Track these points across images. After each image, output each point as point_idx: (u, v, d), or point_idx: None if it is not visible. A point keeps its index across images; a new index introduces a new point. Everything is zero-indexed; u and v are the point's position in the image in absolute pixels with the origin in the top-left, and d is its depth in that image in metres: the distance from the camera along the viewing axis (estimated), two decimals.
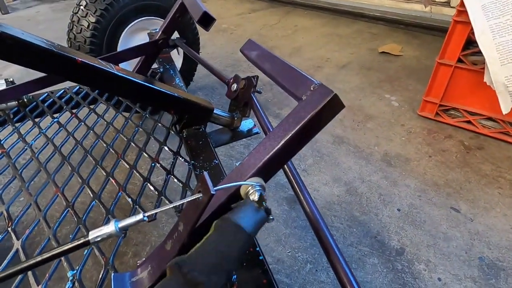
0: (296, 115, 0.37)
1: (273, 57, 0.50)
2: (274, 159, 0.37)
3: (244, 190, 0.35)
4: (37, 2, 3.77)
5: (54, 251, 0.32)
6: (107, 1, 1.10)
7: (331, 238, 0.46)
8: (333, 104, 0.35)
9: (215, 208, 0.37)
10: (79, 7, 1.13)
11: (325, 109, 0.35)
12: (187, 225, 0.36)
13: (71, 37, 1.14)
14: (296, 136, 0.36)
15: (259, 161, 0.37)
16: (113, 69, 0.59)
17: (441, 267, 0.82)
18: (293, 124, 0.36)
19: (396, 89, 1.58)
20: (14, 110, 0.86)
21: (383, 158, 1.18)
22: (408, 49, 1.96)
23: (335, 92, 0.35)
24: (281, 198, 1.03)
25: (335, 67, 1.83)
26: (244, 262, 0.46)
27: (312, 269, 0.83)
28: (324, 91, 0.36)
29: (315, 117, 0.35)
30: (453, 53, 1.16)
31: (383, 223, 0.94)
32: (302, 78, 0.41)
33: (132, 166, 0.64)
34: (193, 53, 1.01)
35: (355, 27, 2.37)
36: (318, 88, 0.37)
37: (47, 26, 2.87)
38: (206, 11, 0.74)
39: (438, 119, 1.32)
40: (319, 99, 0.35)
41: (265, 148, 0.38)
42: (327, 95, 0.35)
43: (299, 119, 0.36)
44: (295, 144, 0.37)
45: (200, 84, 1.72)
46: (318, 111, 0.35)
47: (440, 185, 1.05)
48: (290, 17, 2.70)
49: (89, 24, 1.10)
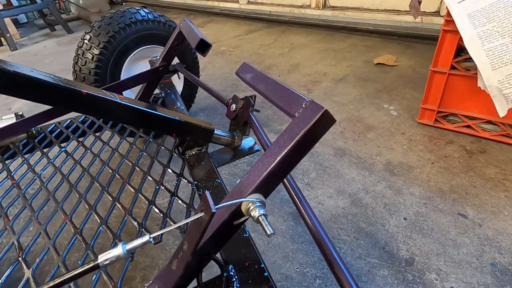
0: (291, 131, 0.38)
1: (267, 78, 0.52)
2: (272, 174, 0.39)
3: (245, 206, 0.36)
4: (44, 38, 3.95)
5: (65, 276, 0.33)
6: (109, 33, 1.16)
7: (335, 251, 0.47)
8: (325, 119, 0.37)
9: (219, 225, 0.39)
10: (83, 41, 1.19)
11: (317, 124, 0.37)
12: (191, 244, 0.38)
13: (77, 69, 1.20)
14: (292, 152, 0.38)
15: (258, 177, 0.38)
16: (116, 98, 0.63)
17: (453, 276, 0.80)
18: (288, 141, 0.38)
19: (394, 98, 1.60)
20: (24, 142, 0.89)
21: (385, 167, 1.18)
22: (403, 59, 2.00)
23: (325, 108, 0.37)
24: (286, 214, 1.04)
25: (332, 80, 1.87)
26: (250, 279, 0.46)
27: (322, 284, 0.82)
28: (315, 108, 0.38)
29: (308, 132, 0.37)
30: (445, 60, 1.19)
31: (390, 233, 0.93)
32: (294, 96, 0.43)
33: (137, 190, 0.66)
34: (193, 77, 1.06)
35: (349, 41, 2.43)
36: (310, 105, 0.39)
37: (53, 60, 3.00)
38: (202, 38, 0.78)
39: (438, 126, 1.33)
40: (311, 115, 0.37)
41: (263, 165, 0.39)
42: (318, 111, 0.37)
43: (294, 135, 0.38)
44: (292, 159, 0.39)
45: (202, 105, 1.76)
46: (311, 127, 0.37)
47: (445, 191, 1.04)
48: (286, 35, 2.78)
49: (93, 56, 1.15)
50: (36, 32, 4.31)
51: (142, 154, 0.79)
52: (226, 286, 0.45)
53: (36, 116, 0.82)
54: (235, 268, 0.48)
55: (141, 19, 1.22)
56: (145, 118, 0.66)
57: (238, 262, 0.49)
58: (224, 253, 0.51)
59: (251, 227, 0.97)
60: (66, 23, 3.96)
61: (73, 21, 4.50)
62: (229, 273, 0.47)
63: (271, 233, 0.34)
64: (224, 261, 0.49)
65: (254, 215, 0.35)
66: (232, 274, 0.47)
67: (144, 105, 0.67)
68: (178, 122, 0.70)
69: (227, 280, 0.46)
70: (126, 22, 1.19)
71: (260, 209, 0.36)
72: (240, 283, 0.46)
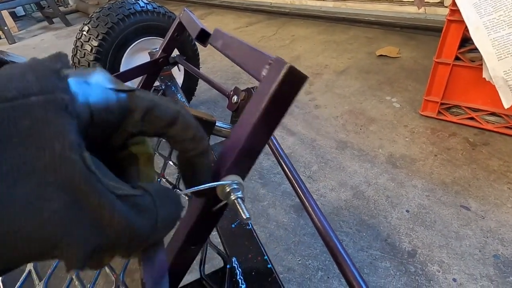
0: (257, 98, 0.33)
1: (235, 41, 0.47)
2: (244, 151, 0.34)
3: (221, 191, 0.33)
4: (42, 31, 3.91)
5: None
6: (108, 25, 1.14)
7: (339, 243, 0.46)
8: (292, 77, 0.31)
9: (198, 213, 0.36)
10: (81, 32, 1.17)
11: (284, 84, 0.31)
12: (177, 236, 0.38)
13: (75, 62, 1.19)
14: (262, 121, 0.33)
15: (230, 157, 0.34)
16: None
17: (455, 267, 0.80)
18: (255, 109, 0.33)
19: (397, 90, 1.59)
20: None
21: (388, 160, 1.17)
22: (405, 51, 1.97)
23: (290, 64, 0.31)
24: (288, 206, 1.03)
25: (334, 73, 1.85)
26: (254, 271, 0.46)
27: (324, 276, 0.82)
28: (278, 66, 0.32)
29: (275, 96, 0.31)
30: (449, 51, 1.17)
31: (392, 225, 0.93)
32: (260, 56, 0.38)
33: None
34: (194, 69, 1.04)
35: (351, 33, 2.40)
36: (273, 64, 0.33)
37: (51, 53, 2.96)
38: (203, 28, 0.76)
39: (441, 118, 1.32)
40: (274, 76, 0.32)
41: (233, 142, 0.34)
42: (281, 68, 0.31)
43: (260, 102, 0.32)
44: (264, 129, 0.34)
45: (202, 99, 1.75)
46: (277, 89, 0.31)
47: (448, 183, 1.04)
48: (286, 27, 2.75)
49: (92, 48, 1.14)
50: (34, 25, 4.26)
51: None
52: (230, 277, 0.45)
53: None
54: (238, 260, 0.47)
55: (140, 10, 1.20)
56: None
57: (241, 254, 0.48)
58: (226, 245, 0.50)
59: (252, 220, 0.97)
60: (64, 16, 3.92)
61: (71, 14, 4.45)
62: (232, 265, 0.47)
63: (247, 217, 0.30)
64: (227, 253, 0.49)
65: (229, 199, 0.31)
66: (235, 266, 0.46)
67: None
68: None
69: (230, 272, 0.46)
70: (125, 13, 1.17)
71: (236, 192, 0.31)
72: (243, 274, 0.45)
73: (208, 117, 0.78)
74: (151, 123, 0.22)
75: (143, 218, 0.18)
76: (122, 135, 0.21)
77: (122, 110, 0.20)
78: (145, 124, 0.21)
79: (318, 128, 1.40)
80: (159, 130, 0.22)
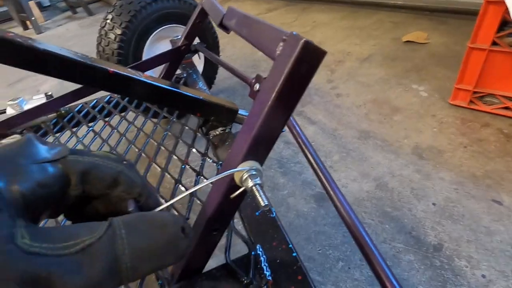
0: (272, 78, 0.31)
1: (249, 19, 0.45)
2: (261, 136, 0.32)
3: (238, 177, 0.32)
4: (66, 20, 4.02)
5: None
6: (131, 13, 1.15)
7: (365, 232, 0.45)
8: (309, 53, 0.29)
9: (217, 201, 0.36)
10: (105, 21, 1.19)
11: (301, 61, 0.29)
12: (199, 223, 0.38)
13: (100, 50, 1.21)
14: (277, 104, 0.31)
15: (246, 142, 0.32)
16: (141, 77, 0.62)
17: (484, 263, 0.77)
18: (269, 91, 0.31)
19: (424, 78, 1.51)
20: (54, 121, 0.92)
21: (413, 151, 1.13)
22: (435, 36, 1.86)
23: (306, 39, 0.29)
24: (308, 196, 1.02)
25: (356, 60, 1.79)
26: (278, 259, 0.46)
27: (345, 267, 0.81)
28: (294, 42, 0.29)
29: (291, 74, 0.29)
30: (486, 36, 1.09)
31: (417, 218, 0.90)
32: (274, 33, 0.35)
33: (163, 169, 0.67)
34: (215, 57, 1.03)
35: (375, 18, 2.29)
36: (288, 40, 0.31)
37: (76, 42, 3.05)
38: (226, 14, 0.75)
39: (473, 107, 1.24)
40: (290, 52, 0.29)
41: (249, 126, 0.33)
42: (297, 44, 0.29)
43: (275, 83, 0.30)
44: (280, 112, 0.32)
45: (221, 87, 1.74)
46: (292, 67, 0.29)
47: (479, 176, 0.99)
48: (307, 13, 2.67)
49: (115, 37, 1.15)
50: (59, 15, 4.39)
51: (166, 134, 0.79)
52: (254, 264, 0.45)
53: (63, 97, 0.84)
54: (263, 247, 0.47)
55: None
56: (171, 97, 0.65)
57: (266, 242, 0.48)
58: (251, 233, 0.50)
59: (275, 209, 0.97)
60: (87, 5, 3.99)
61: (94, 3, 4.53)
62: (256, 252, 0.47)
63: (265, 205, 0.29)
64: (251, 241, 0.49)
65: (247, 186, 0.30)
66: (260, 253, 0.47)
67: (168, 83, 0.66)
68: (202, 102, 0.69)
69: (255, 259, 0.46)
70: (147, 1, 1.18)
71: (253, 179, 0.30)
72: (268, 262, 0.45)
73: (230, 105, 0.77)
74: (91, 184, 0.22)
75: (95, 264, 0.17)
76: (69, 199, 0.21)
77: (60, 179, 0.20)
78: (86, 186, 0.21)
79: (339, 118, 1.36)
80: (101, 191, 0.22)
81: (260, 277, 0.44)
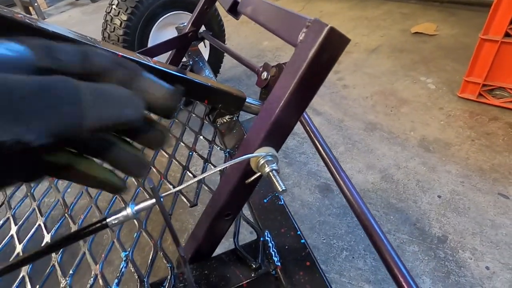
0: (293, 65, 0.31)
1: (266, 5, 0.45)
2: (279, 122, 0.32)
3: (254, 163, 0.32)
4: (69, 7, 3.98)
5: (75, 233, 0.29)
6: None
7: (374, 220, 0.45)
8: (333, 40, 0.29)
9: (232, 185, 0.36)
10: (111, 6, 1.17)
11: (324, 48, 0.29)
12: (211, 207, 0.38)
13: (106, 36, 1.20)
14: (298, 90, 0.31)
15: (264, 128, 0.33)
16: (150, 62, 0.61)
17: (489, 256, 0.77)
18: (290, 77, 0.30)
19: (432, 70, 1.49)
20: None
21: (420, 143, 1.12)
22: (444, 28, 1.83)
23: (331, 25, 0.28)
24: (313, 186, 1.03)
25: (364, 51, 1.76)
26: (287, 245, 0.46)
27: (349, 256, 0.82)
28: (318, 28, 0.29)
29: (314, 61, 0.29)
30: (499, 27, 1.07)
31: (422, 210, 0.90)
32: (295, 19, 0.34)
33: (171, 155, 0.67)
34: (221, 45, 1.02)
35: (384, 8, 2.25)
36: (312, 26, 0.31)
37: (79, 29, 3.02)
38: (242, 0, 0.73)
39: (481, 101, 1.23)
40: (313, 39, 0.29)
41: (267, 112, 0.33)
42: (322, 30, 0.28)
43: (297, 69, 0.30)
44: (300, 99, 0.32)
45: (227, 76, 1.73)
46: (315, 54, 0.29)
47: (486, 170, 0.98)
48: (314, 2, 2.62)
49: (121, 22, 1.14)
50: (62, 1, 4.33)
51: (174, 121, 0.79)
52: (263, 250, 0.45)
53: None
54: (271, 234, 0.48)
55: None
56: (180, 83, 0.64)
57: (274, 229, 0.49)
58: (259, 220, 0.51)
59: None
60: None
61: None
62: (265, 238, 0.47)
63: (283, 190, 0.30)
64: (259, 227, 0.49)
65: (264, 171, 0.31)
66: (268, 239, 0.47)
67: (177, 70, 0.65)
68: (210, 89, 0.68)
69: (264, 245, 0.46)
70: None
71: (270, 164, 0.31)
72: (276, 248, 0.46)
73: (238, 93, 0.76)
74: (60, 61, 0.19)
75: None
76: None
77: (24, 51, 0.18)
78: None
79: (345, 109, 1.35)
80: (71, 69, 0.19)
81: (269, 262, 0.44)
